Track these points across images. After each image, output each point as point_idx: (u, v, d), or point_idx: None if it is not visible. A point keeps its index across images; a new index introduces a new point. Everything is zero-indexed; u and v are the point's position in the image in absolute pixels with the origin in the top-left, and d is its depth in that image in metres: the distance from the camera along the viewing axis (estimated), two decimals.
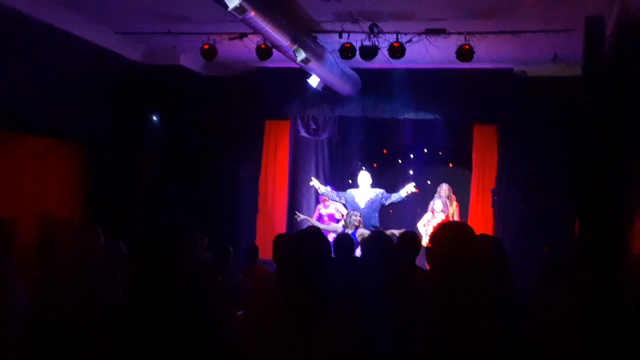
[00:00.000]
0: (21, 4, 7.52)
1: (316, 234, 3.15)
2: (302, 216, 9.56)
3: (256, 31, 7.48)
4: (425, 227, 9.68)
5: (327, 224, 9.40)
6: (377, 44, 8.24)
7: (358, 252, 6.39)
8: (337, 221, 9.59)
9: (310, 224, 9.18)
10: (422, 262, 5.06)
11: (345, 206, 9.35)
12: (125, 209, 9.54)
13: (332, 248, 6.15)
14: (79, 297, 3.32)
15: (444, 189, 10.12)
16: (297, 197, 10.79)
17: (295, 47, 7.89)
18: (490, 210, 10.20)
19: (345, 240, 5.31)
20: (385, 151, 11.91)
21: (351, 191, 9.49)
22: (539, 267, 4.72)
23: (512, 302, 3.27)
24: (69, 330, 3.01)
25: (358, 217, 8.69)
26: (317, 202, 10.46)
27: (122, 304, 3.12)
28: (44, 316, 3.20)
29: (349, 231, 8.35)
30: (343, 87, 9.88)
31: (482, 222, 10.20)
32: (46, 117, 8.21)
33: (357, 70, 9.88)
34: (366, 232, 7.90)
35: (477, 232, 3.10)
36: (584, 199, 5.95)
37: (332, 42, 8.57)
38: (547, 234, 8.66)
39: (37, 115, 8.06)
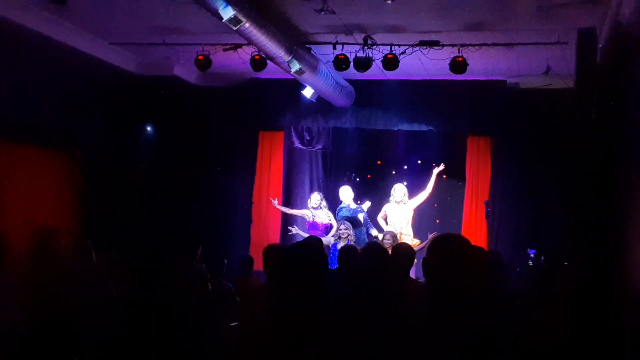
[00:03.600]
0: (16, 15, 7.52)
1: (312, 247, 3.15)
2: (295, 230, 9.53)
3: (251, 42, 7.50)
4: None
5: (321, 235, 9.36)
6: (371, 55, 8.28)
7: None
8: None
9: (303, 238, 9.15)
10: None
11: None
12: (119, 219, 9.51)
13: (335, 259, 6.09)
14: (72, 308, 3.31)
15: (397, 191, 9.43)
16: (291, 207, 10.77)
17: (289, 58, 7.90)
18: (484, 221, 10.21)
19: (350, 253, 5.29)
20: (379, 162, 11.92)
21: (342, 209, 9.59)
22: (533, 276, 4.73)
23: (507, 312, 3.27)
24: (63, 341, 3.00)
25: (349, 230, 8.70)
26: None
27: (115, 313, 3.12)
28: (36, 327, 3.18)
29: (341, 244, 8.35)
30: (337, 98, 9.90)
31: (475, 234, 10.21)
32: (40, 126, 8.19)
33: (351, 81, 9.91)
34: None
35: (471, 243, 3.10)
36: (579, 208, 5.97)
37: (326, 54, 8.59)
38: (541, 245, 8.68)
39: (31, 124, 8.05)
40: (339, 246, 8.40)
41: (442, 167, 9.66)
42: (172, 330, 2.81)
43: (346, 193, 9.67)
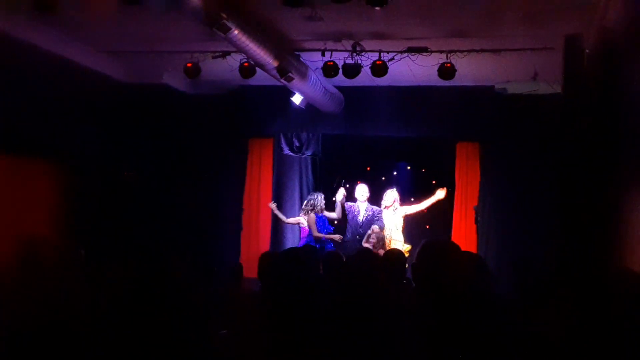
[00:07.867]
0: (1, 23, 7.48)
1: (305, 253, 3.15)
2: (274, 206, 9.66)
3: (239, 49, 7.51)
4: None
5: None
6: (359, 62, 8.30)
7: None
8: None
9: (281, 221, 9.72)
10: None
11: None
12: (109, 227, 9.47)
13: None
14: (61, 318, 3.29)
15: (388, 196, 9.52)
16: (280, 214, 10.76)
17: (277, 64, 7.91)
18: (474, 226, 10.23)
19: (333, 258, 5.29)
20: (368, 168, 11.93)
21: (352, 204, 9.56)
22: (526, 281, 4.73)
23: (496, 317, 3.28)
24: (52, 351, 2.98)
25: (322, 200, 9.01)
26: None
27: (104, 322, 3.11)
28: (24, 338, 3.16)
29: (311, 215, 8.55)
30: (326, 105, 9.91)
31: (465, 239, 10.22)
32: (28, 136, 8.15)
33: (340, 88, 9.92)
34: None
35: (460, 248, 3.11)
36: (568, 214, 6.00)
37: (315, 61, 8.61)
38: (530, 250, 8.70)
39: (19, 134, 8.00)
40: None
41: (444, 193, 9.51)
42: (161, 337, 2.80)
43: (361, 191, 9.58)
